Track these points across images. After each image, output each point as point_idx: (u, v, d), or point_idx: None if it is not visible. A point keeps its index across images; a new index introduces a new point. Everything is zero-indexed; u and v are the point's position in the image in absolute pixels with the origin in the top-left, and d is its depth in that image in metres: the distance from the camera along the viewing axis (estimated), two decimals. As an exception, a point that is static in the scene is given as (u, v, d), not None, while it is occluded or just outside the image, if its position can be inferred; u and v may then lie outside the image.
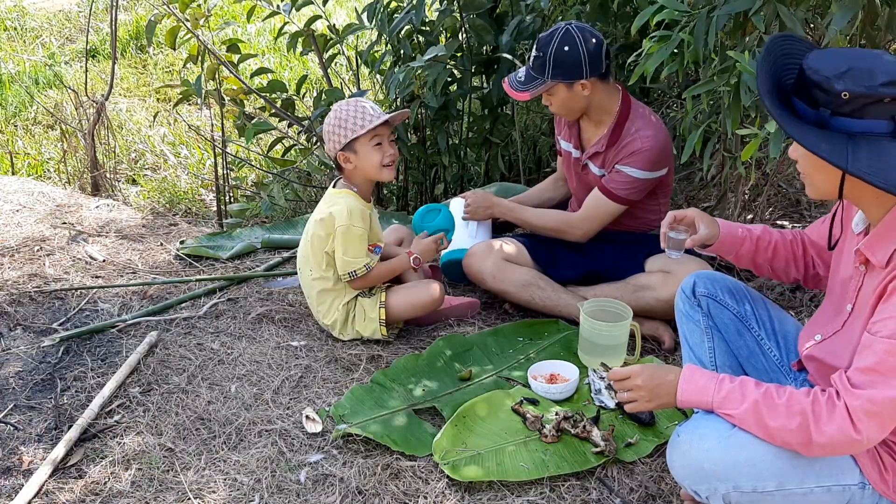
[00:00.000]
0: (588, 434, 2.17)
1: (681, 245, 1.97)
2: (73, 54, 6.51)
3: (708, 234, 1.93)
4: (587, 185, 2.83)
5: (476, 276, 2.84)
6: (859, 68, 1.48)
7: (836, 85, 1.48)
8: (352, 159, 2.59)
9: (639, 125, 2.64)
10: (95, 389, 2.39)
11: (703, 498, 1.71)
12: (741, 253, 1.97)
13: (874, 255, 1.59)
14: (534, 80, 2.61)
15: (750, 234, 1.96)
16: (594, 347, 2.42)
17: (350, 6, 7.02)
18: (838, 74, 1.48)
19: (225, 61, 3.67)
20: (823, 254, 1.93)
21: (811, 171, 1.62)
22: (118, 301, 2.92)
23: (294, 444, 2.19)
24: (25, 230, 3.39)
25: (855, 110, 1.48)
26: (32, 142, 5.19)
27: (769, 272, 2.01)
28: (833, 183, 1.59)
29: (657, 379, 1.74)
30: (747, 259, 1.99)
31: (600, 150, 2.71)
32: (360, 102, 2.58)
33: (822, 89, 1.50)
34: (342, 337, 2.71)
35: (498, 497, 2.02)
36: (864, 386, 1.50)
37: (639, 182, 2.66)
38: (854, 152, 1.47)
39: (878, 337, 1.50)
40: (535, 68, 2.61)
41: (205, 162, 4.91)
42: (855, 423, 1.50)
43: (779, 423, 1.56)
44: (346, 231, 2.57)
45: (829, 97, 1.49)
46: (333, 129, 2.57)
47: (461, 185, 4.00)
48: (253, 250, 3.40)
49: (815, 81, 1.51)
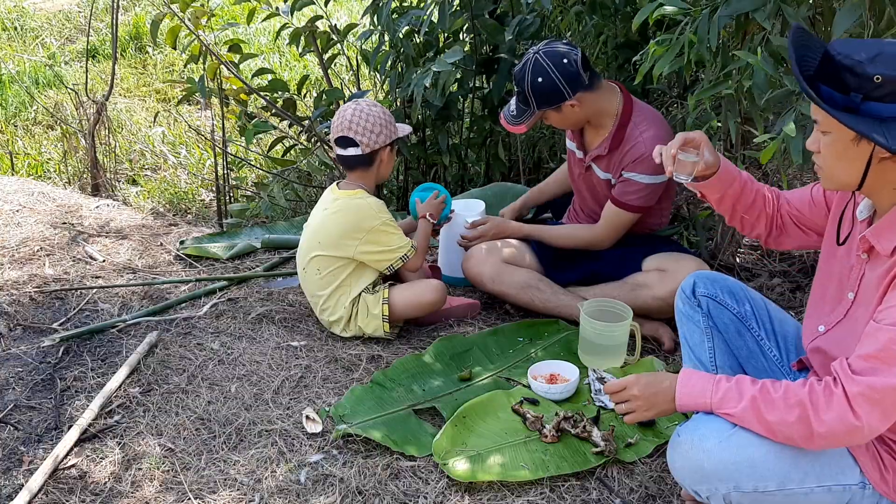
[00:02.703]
0: (588, 434, 2.16)
1: (691, 168, 1.86)
2: (73, 54, 6.51)
3: (712, 161, 1.87)
4: (591, 186, 2.84)
5: (475, 278, 2.84)
6: (891, 52, 1.47)
7: (869, 68, 1.46)
8: (389, 156, 2.70)
9: (642, 127, 2.63)
10: (95, 389, 2.39)
11: (703, 498, 1.71)
12: (728, 193, 1.92)
13: (879, 243, 1.58)
14: (524, 111, 2.65)
15: (740, 176, 1.93)
16: (594, 348, 2.42)
17: (350, 6, 7.02)
18: (871, 58, 1.47)
19: (226, 61, 3.67)
20: (805, 220, 1.91)
21: (833, 161, 1.59)
22: (118, 301, 2.92)
23: (294, 445, 2.19)
24: (25, 230, 3.39)
25: (886, 94, 1.46)
26: (32, 142, 5.19)
27: (739, 222, 1.97)
28: (854, 173, 1.57)
29: (653, 387, 1.74)
30: (730, 202, 1.93)
31: (603, 154, 2.71)
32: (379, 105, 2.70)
33: (854, 73, 1.47)
34: (344, 334, 2.72)
35: (498, 497, 2.02)
36: (866, 373, 1.49)
37: (649, 188, 2.65)
38: (889, 133, 1.46)
39: (882, 325, 1.49)
40: (521, 102, 2.65)
41: (205, 162, 4.91)
42: (854, 409, 1.49)
43: (777, 417, 1.56)
44: (385, 226, 2.64)
45: (861, 81, 1.47)
46: (386, 121, 2.64)
47: (461, 185, 4.00)
48: (253, 250, 3.40)
49: (847, 66, 1.48)
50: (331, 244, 2.64)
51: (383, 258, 2.67)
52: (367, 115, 2.61)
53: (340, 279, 2.67)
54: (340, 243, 2.63)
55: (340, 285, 2.67)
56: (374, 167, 2.68)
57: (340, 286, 2.67)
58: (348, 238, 2.62)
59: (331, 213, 2.66)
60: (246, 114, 3.80)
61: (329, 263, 2.66)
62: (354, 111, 2.62)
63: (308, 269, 2.71)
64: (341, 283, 2.67)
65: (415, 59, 3.62)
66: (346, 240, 2.62)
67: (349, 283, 2.68)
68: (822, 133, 1.59)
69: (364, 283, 2.69)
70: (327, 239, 2.64)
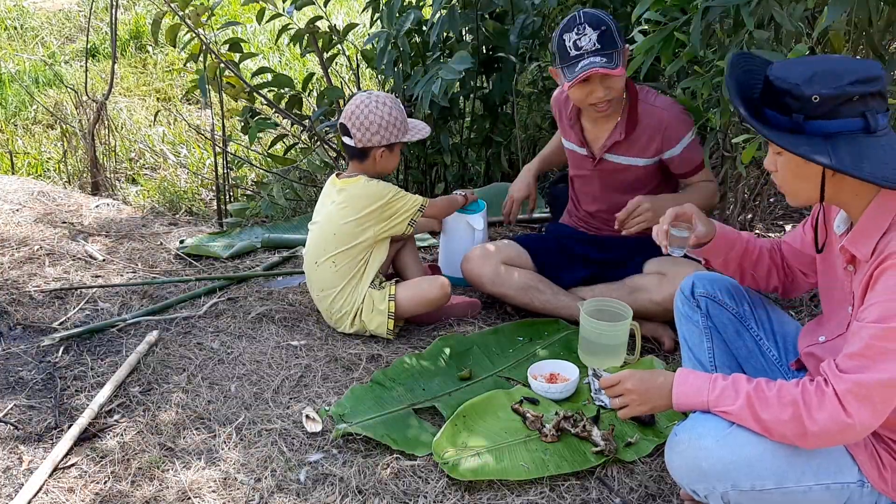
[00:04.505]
0: (588, 434, 2.17)
1: (684, 242, 1.94)
2: (73, 54, 6.51)
3: (706, 232, 1.92)
4: (608, 176, 2.74)
5: (475, 280, 2.83)
6: (824, 71, 1.52)
7: (806, 90, 1.51)
8: (385, 156, 2.68)
9: (650, 99, 2.63)
10: (95, 389, 2.39)
11: (701, 497, 1.71)
12: (731, 256, 1.97)
13: (858, 250, 1.61)
14: (612, 53, 2.44)
15: (740, 238, 1.97)
16: (594, 347, 2.41)
17: (350, 5, 7.02)
18: (806, 80, 1.51)
19: (226, 60, 3.67)
20: (803, 260, 1.94)
21: (791, 178, 1.64)
22: (118, 300, 2.92)
23: (294, 444, 2.19)
24: (25, 230, 3.39)
25: (827, 112, 1.51)
26: (32, 141, 5.19)
27: (751, 279, 2.01)
28: (814, 188, 1.61)
29: (647, 382, 1.75)
30: (735, 264, 1.98)
31: (620, 139, 2.64)
32: (398, 105, 2.67)
33: (793, 96, 1.53)
34: (346, 330, 2.72)
35: (498, 497, 2.02)
36: (853, 371, 1.51)
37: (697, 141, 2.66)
38: (834, 151, 1.50)
39: (864, 323, 1.52)
40: (606, 43, 2.43)
41: (205, 161, 4.91)
42: (845, 408, 1.50)
43: (771, 415, 1.57)
44: (394, 198, 2.67)
45: (801, 102, 1.52)
46: (385, 124, 2.61)
47: (462, 185, 4.00)
48: (253, 250, 3.41)
49: (785, 89, 1.54)
50: (348, 233, 2.65)
51: (403, 219, 2.71)
52: (369, 113, 2.61)
53: (355, 270, 2.69)
54: (357, 231, 2.65)
55: (354, 276, 2.69)
56: (368, 161, 2.68)
57: (354, 277, 2.69)
58: (365, 220, 2.65)
59: (339, 205, 2.67)
60: (249, 111, 3.80)
61: (346, 256, 2.68)
62: (360, 104, 2.63)
63: (322, 264, 2.70)
64: (355, 275, 2.69)
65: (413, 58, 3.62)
66: (363, 222, 2.65)
67: (362, 272, 2.71)
68: (777, 154, 1.64)
69: (375, 266, 2.73)
70: (343, 229, 2.65)
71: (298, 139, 4.05)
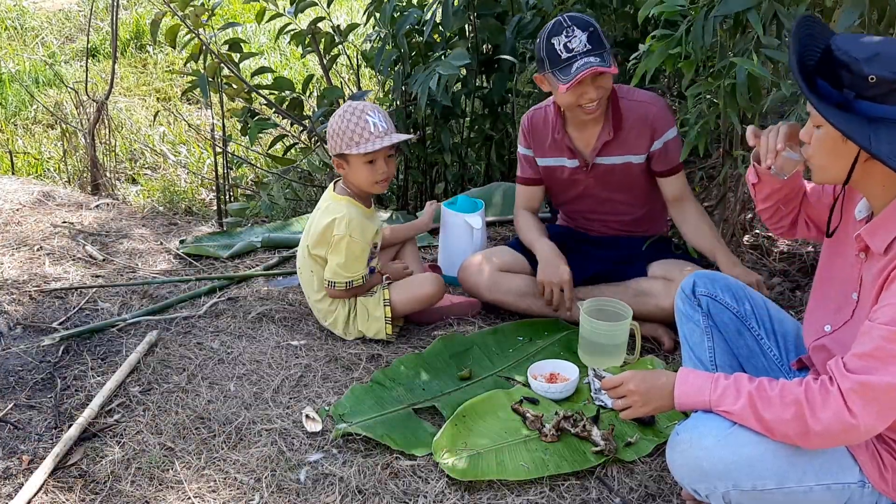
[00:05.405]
0: (588, 433, 2.17)
1: (795, 166, 1.74)
2: (73, 53, 6.51)
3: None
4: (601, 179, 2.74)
5: (472, 289, 2.83)
6: (888, 53, 1.48)
7: (865, 68, 1.47)
8: (345, 167, 2.59)
9: (630, 94, 2.64)
10: (95, 389, 2.39)
11: (702, 497, 1.71)
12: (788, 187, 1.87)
13: (873, 242, 1.59)
14: (603, 52, 2.46)
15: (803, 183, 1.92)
16: (594, 347, 2.41)
17: (350, 5, 7.02)
18: (868, 57, 1.48)
19: (225, 60, 3.67)
20: (811, 213, 1.92)
21: (824, 153, 1.60)
22: (118, 300, 2.92)
23: (294, 444, 2.19)
24: (25, 230, 3.39)
25: (879, 95, 1.47)
26: (32, 141, 5.19)
27: (773, 213, 1.95)
28: (843, 168, 1.58)
29: (649, 382, 1.75)
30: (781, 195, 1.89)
31: (609, 138, 2.65)
32: (365, 114, 2.49)
33: (850, 70, 1.49)
34: (346, 337, 2.71)
35: (498, 496, 2.02)
36: (860, 371, 1.50)
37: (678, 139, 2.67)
38: (875, 135, 1.47)
39: (876, 323, 1.50)
40: (596, 44, 2.44)
41: (204, 161, 4.91)
42: (850, 408, 1.49)
43: (774, 415, 1.56)
44: (348, 243, 2.55)
45: (856, 79, 1.48)
46: (333, 134, 2.55)
47: (462, 185, 4.00)
48: (253, 250, 3.40)
49: (844, 62, 1.50)
50: (315, 244, 2.63)
51: (331, 271, 2.59)
52: (331, 121, 2.56)
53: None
54: (322, 247, 2.62)
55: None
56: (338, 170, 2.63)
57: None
58: (326, 243, 2.60)
59: (319, 213, 2.66)
60: (250, 109, 3.80)
61: (318, 263, 2.66)
62: (337, 112, 2.57)
63: (303, 268, 2.71)
64: None
65: (414, 57, 3.62)
66: (325, 244, 2.60)
67: None
68: (815, 126, 1.61)
69: None
70: (313, 239, 2.63)
71: (298, 139, 4.05)
